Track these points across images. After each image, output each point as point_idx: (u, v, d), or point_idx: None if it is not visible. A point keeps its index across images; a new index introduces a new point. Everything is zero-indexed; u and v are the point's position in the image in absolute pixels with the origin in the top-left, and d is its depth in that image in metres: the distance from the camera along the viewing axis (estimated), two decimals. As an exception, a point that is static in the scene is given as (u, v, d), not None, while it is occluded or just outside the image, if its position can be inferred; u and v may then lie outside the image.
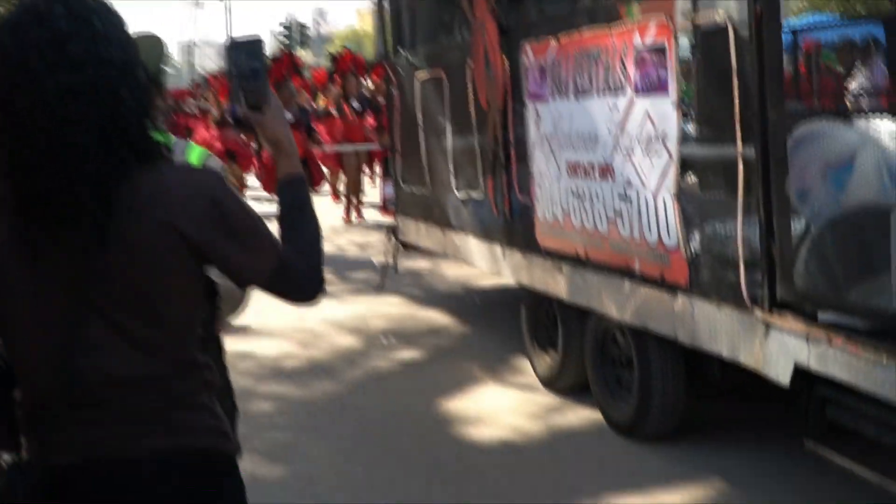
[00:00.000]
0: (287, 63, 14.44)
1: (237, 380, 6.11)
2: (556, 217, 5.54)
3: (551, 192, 5.56)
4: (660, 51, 4.44)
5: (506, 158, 6.15)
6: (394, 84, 8.56)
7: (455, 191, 7.19)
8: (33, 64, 1.73)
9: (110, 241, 1.78)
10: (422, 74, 7.67)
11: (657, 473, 4.81)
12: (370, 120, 13.89)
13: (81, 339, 1.81)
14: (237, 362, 6.64)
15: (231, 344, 7.02)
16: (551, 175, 5.53)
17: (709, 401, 5.33)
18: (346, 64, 14.53)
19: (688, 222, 4.35)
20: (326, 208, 14.17)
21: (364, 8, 62.72)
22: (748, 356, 4.03)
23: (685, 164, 4.33)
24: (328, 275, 8.00)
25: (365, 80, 15.67)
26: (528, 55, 5.69)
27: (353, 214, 14.01)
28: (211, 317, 2.97)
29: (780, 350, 3.80)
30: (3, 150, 1.79)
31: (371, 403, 6.23)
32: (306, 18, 61.84)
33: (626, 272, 4.90)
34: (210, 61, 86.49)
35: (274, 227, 2.00)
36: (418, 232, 8.28)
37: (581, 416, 5.68)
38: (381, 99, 15.66)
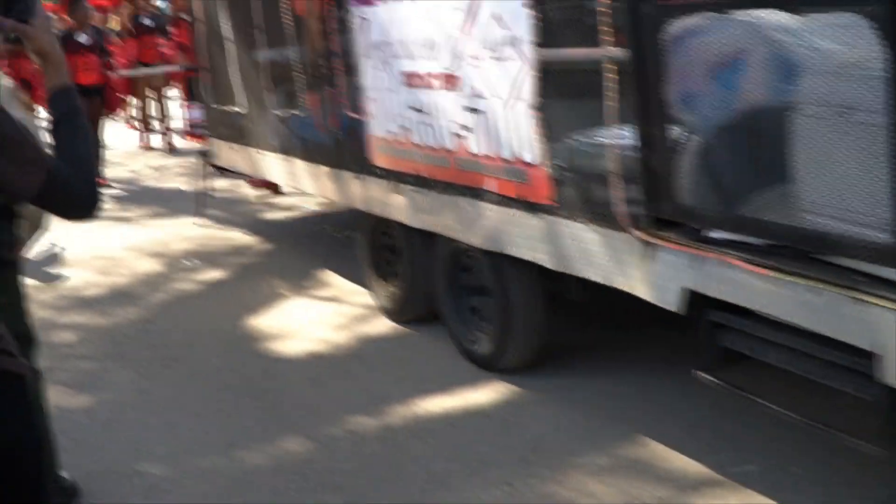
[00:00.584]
0: None
1: (37, 311, 5.50)
2: (393, 134, 4.97)
3: (386, 106, 4.97)
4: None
5: (330, 71, 5.50)
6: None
7: (272, 109, 6.50)
8: None
9: None
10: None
11: (466, 376, 4.72)
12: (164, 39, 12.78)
13: None
14: (37, 294, 6.28)
15: (29, 275, 6.57)
16: (385, 88, 4.94)
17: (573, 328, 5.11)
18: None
19: (550, 135, 3.87)
20: (122, 134, 13.41)
21: None
22: (627, 281, 3.62)
23: (544, 70, 3.82)
24: (128, 202, 7.42)
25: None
26: (351, -46, 5.03)
27: (149, 139, 13.09)
28: (10, 238, 3.04)
29: (665, 274, 3.40)
30: None
31: (176, 326, 5.98)
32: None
33: (477, 192, 4.40)
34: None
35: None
36: (232, 155, 7.54)
37: (388, 324, 5.56)
38: (182, 15, 14.46)
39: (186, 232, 8.30)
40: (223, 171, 8.20)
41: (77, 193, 1.95)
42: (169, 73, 12.00)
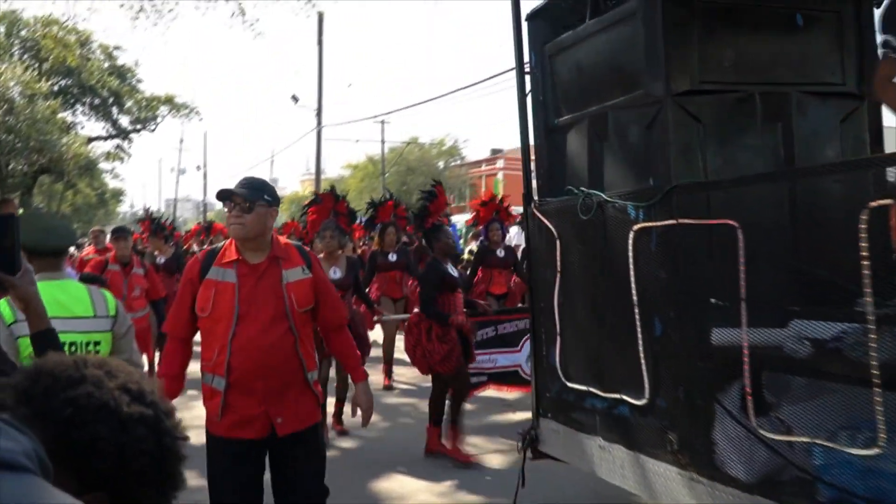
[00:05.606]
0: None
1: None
2: None
3: None
4: None
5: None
6: (550, 238, 5.15)
7: (756, 423, 3.63)
8: None
9: None
10: (647, 225, 4.26)
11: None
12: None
13: None
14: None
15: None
16: None
17: None
18: (387, 213, 10.98)
19: None
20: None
21: (305, 177, 64.98)
22: None
23: None
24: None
25: (406, 230, 12.64)
26: None
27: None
28: None
29: None
30: None
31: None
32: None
33: None
34: (189, 214, 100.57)
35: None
36: (605, 459, 4.70)
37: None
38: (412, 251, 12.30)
39: None
40: (545, 455, 5.45)
41: None
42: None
